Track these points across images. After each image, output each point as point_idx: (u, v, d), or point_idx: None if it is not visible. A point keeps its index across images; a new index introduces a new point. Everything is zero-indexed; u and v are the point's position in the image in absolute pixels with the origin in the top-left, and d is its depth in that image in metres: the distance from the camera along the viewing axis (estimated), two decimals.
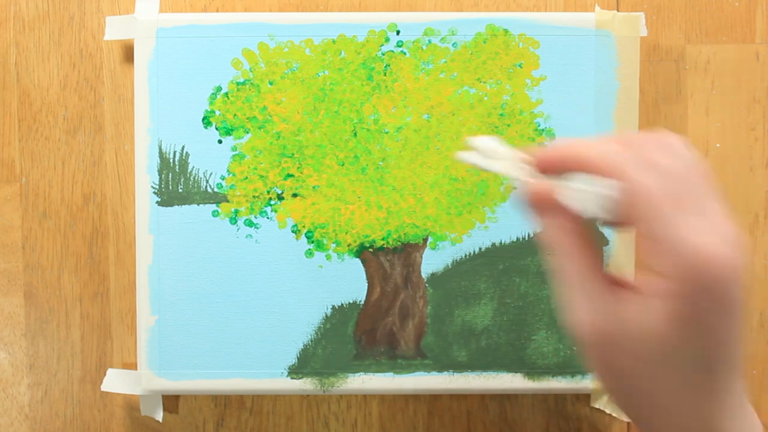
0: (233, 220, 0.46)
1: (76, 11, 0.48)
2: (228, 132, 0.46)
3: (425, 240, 0.46)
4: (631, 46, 0.46)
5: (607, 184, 0.26)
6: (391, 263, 0.46)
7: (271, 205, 0.46)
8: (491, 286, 0.46)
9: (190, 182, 0.46)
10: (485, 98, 0.46)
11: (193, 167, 0.46)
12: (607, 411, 0.47)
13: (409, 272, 0.46)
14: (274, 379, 0.46)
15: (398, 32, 0.46)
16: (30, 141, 0.48)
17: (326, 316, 0.46)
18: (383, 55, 0.46)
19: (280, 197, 0.46)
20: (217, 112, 0.46)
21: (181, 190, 0.46)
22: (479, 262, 0.46)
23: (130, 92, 0.48)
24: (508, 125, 0.46)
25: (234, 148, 0.46)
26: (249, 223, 0.46)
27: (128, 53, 0.48)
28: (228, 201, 0.46)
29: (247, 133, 0.46)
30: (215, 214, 0.46)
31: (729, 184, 0.48)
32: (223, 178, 0.46)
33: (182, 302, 0.46)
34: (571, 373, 0.46)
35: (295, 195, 0.46)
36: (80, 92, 0.48)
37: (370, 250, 0.46)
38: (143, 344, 0.46)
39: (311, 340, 0.46)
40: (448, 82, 0.46)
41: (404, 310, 0.46)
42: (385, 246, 0.46)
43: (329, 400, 0.49)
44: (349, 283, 0.46)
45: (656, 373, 0.27)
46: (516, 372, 0.46)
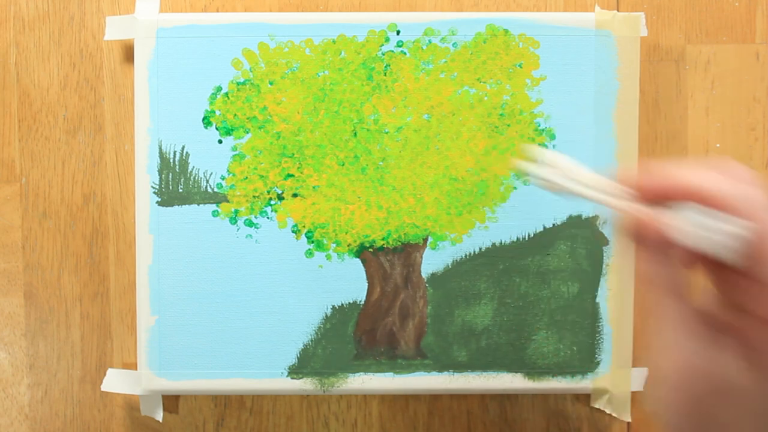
0: (233, 220, 0.46)
1: (76, 11, 0.48)
2: (228, 132, 0.46)
3: (425, 240, 0.46)
4: (631, 46, 0.46)
5: (737, 223, 0.25)
6: (391, 263, 0.46)
7: (271, 205, 0.46)
8: (491, 286, 0.46)
9: (190, 182, 0.46)
10: (485, 98, 0.46)
11: (193, 167, 0.46)
12: (607, 411, 0.47)
13: (409, 272, 0.46)
14: (274, 379, 0.46)
15: (398, 32, 0.46)
16: (30, 141, 0.48)
17: (326, 316, 0.46)
18: (383, 55, 0.46)
19: (280, 197, 0.46)
20: (217, 112, 0.46)
21: (181, 190, 0.46)
22: (479, 262, 0.46)
23: (130, 92, 0.48)
24: (508, 125, 0.46)
25: (234, 148, 0.46)
26: (249, 223, 0.46)
27: (128, 53, 0.48)
28: (228, 201, 0.46)
29: (247, 133, 0.46)
30: (215, 214, 0.46)
31: None
32: (223, 178, 0.46)
33: (182, 302, 0.46)
34: (571, 373, 0.46)
35: (295, 195, 0.46)
36: (80, 92, 0.48)
37: (370, 250, 0.46)
38: (143, 344, 0.46)
39: (311, 340, 0.46)
40: (448, 82, 0.46)
41: (404, 310, 0.46)
42: (385, 246, 0.46)
43: (329, 400, 0.49)
44: (349, 283, 0.46)
45: (749, 427, 0.26)
46: (516, 372, 0.46)
